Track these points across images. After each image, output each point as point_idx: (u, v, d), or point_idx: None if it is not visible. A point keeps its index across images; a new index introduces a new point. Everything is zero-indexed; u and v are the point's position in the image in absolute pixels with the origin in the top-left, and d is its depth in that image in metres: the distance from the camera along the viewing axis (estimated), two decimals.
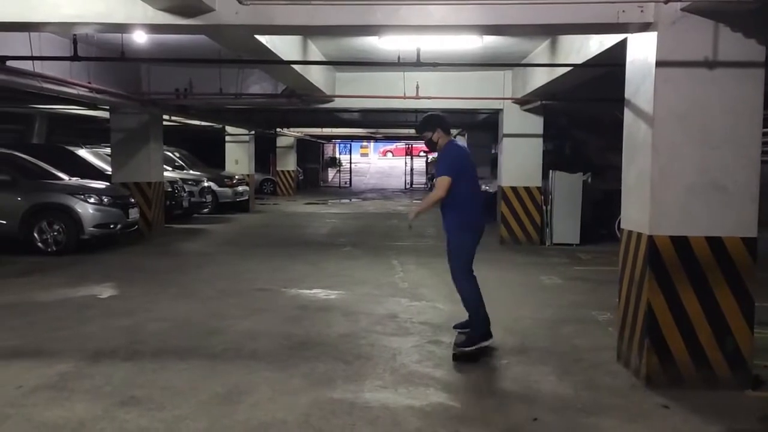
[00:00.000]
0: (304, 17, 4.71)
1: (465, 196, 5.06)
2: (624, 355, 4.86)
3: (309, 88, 10.27)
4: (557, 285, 8.10)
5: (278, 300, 7.08)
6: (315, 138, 28.92)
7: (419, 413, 4.00)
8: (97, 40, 8.61)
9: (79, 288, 7.48)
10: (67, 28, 5.81)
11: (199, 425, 3.77)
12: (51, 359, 4.86)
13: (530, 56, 9.63)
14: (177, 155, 17.17)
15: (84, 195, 9.98)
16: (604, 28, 4.95)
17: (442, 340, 5.58)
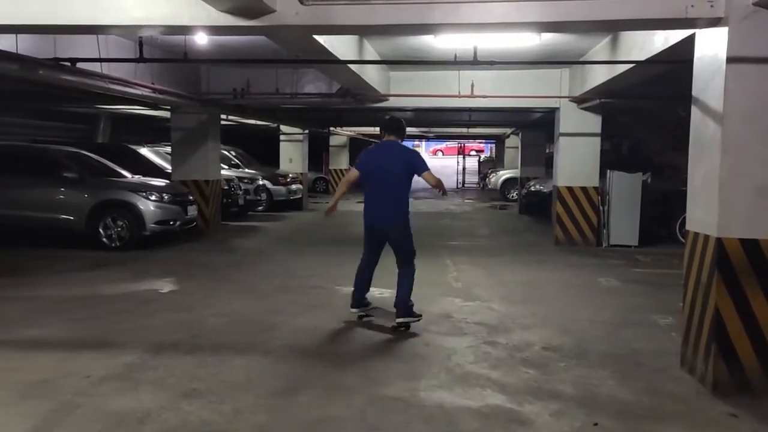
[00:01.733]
0: (363, 17, 4.74)
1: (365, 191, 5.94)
2: (688, 361, 4.71)
3: (364, 88, 10.32)
4: (615, 287, 7.91)
5: (332, 297, 7.15)
6: (367, 137, 29.05)
7: (476, 414, 3.97)
8: (160, 42, 8.87)
9: (142, 282, 7.72)
10: (133, 31, 6.02)
11: (258, 419, 3.84)
12: (117, 350, 5.04)
13: (589, 53, 9.42)
14: (233, 154, 17.52)
15: (146, 192, 10.29)
16: (671, 24, 4.80)
17: (498, 341, 5.53)
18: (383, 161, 5.85)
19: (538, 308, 6.68)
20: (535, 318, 6.30)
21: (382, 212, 5.86)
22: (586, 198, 11.39)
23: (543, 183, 15.44)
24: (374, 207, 5.89)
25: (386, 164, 5.82)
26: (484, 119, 18.44)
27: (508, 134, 25.48)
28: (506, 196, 22.56)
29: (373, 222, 5.92)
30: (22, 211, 10.08)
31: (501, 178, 23.78)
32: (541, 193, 15.07)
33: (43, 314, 6.16)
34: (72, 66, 7.19)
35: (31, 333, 5.56)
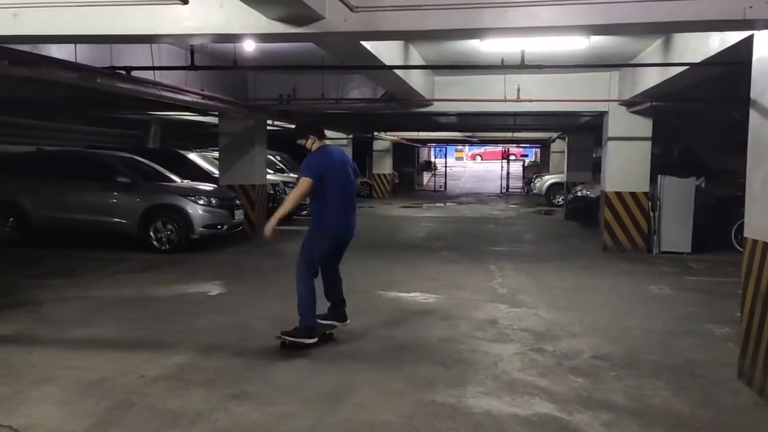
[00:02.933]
0: (411, 22, 4.75)
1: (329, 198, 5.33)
2: (746, 373, 4.55)
3: (408, 92, 10.32)
4: (667, 295, 7.71)
5: (377, 302, 7.16)
6: (411, 142, 29.08)
7: (525, 422, 3.92)
8: (210, 50, 9.07)
9: (191, 285, 7.88)
10: (186, 40, 6.17)
11: (305, 422, 3.87)
12: (169, 351, 5.16)
13: (640, 56, 9.22)
14: (278, 159, 17.74)
15: (194, 197, 10.51)
16: (728, 25, 4.67)
17: (545, 348, 5.45)
18: (343, 166, 5.50)
19: (587, 315, 6.56)
20: (583, 325, 6.19)
21: (353, 221, 5.54)
22: (636, 203, 11.14)
23: (590, 188, 15.16)
24: (347, 215, 5.45)
25: (345, 169, 5.51)
26: (529, 123, 18.24)
27: (554, 138, 25.12)
28: (551, 201, 22.24)
29: (346, 232, 5.51)
30: (77, 215, 10.43)
31: (546, 182, 23.46)
32: (587, 198, 14.80)
33: (97, 314, 6.35)
34: (127, 74, 7.41)
35: (87, 332, 5.74)
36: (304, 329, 5.26)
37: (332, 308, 5.66)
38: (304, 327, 5.27)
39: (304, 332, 5.25)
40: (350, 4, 4.62)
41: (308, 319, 5.30)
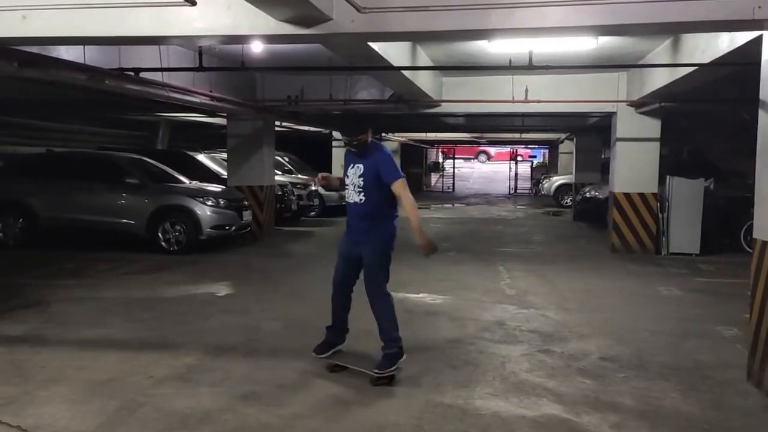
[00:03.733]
0: (419, 23, 4.75)
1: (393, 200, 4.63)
2: (756, 375, 4.53)
3: (416, 93, 10.32)
4: (676, 297, 7.67)
5: None
6: (419, 143, 29.04)
7: (533, 424, 3.91)
8: (218, 51, 9.10)
9: (199, 286, 7.91)
10: (194, 41, 6.19)
11: (314, 423, 3.88)
12: (177, 351, 5.18)
13: (649, 56, 9.18)
14: (286, 159, 17.77)
15: (203, 198, 10.54)
16: (737, 26, 4.64)
17: (553, 349, 5.44)
18: None
19: (595, 317, 6.54)
20: (591, 327, 6.17)
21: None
22: (645, 205, 11.09)
23: (598, 189, 15.10)
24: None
25: None
26: (537, 124, 18.17)
27: (562, 139, 25.03)
28: (560, 202, 22.17)
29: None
30: (86, 216, 10.47)
31: (554, 184, 23.38)
32: (596, 200, 14.74)
33: (106, 315, 6.39)
34: (136, 75, 7.45)
35: (96, 333, 5.77)
36: (397, 351, 4.60)
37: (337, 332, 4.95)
38: (397, 348, 4.61)
39: (398, 354, 4.61)
40: (357, 5, 4.63)
41: (399, 338, 4.67)
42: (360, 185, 4.55)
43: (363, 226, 4.61)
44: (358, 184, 4.56)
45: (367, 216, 4.58)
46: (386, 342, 4.63)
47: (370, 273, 4.67)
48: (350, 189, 4.61)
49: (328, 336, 4.88)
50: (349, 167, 4.67)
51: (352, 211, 4.67)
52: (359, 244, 4.64)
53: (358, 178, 4.56)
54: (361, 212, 4.58)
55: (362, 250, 4.63)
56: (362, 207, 4.57)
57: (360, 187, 4.56)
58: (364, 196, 4.55)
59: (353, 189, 4.59)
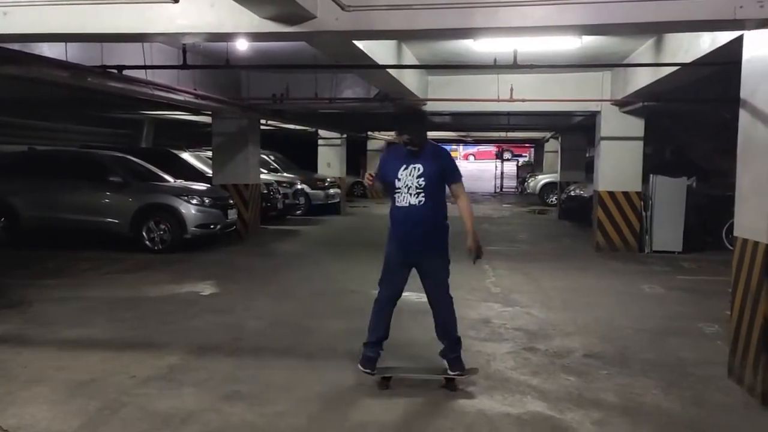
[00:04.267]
0: (403, 22, 4.74)
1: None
2: (736, 371, 4.58)
3: (402, 92, 10.32)
4: (659, 294, 7.74)
5: (371, 301, 7.07)
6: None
7: (517, 421, 3.93)
8: (202, 49, 9.04)
9: (184, 285, 7.86)
10: (178, 38, 6.14)
11: (299, 422, 3.87)
12: (160, 351, 5.14)
13: (632, 56, 9.25)
14: (272, 158, 17.72)
15: (187, 196, 10.48)
16: (718, 25, 4.69)
17: (538, 347, 5.46)
18: None
19: (579, 315, 6.58)
20: (575, 325, 6.20)
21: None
22: (628, 203, 11.18)
23: (583, 187, 15.21)
24: None
25: None
26: (523, 123, 18.26)
27: (548, 138, 25.17)
28: (545, 200, 22.29)
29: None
30: (69, 215, 10.38)
31: (540, 182, 23.52)
32: (581, 198, 14.84)
33: (89, 315, 6.33)
34: (119, 73, 7.38)
35: (78, 333, 5.72)
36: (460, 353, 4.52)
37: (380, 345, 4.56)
38: (460, 350, 4.53)
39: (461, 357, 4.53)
40: (342, 3, 4.62)
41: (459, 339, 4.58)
42: (420, 186, 4.25)
43: (423, 230, 4.31)
44: (417, 185, 4.26)
45: (427, 219, 4.30)
46: (455, 344, 4.49)
47: (438, 280, 4.45)
48: (403, 191, 4.28)
49: (371, 351, 4.48)
50: (400, 168, 4.30)
51: (407, 215, 4.30)
52: (419, 251, 4.35)
53: (417, 179, 4.26)
54: (422, 215, 4.28)
55: (425, 256, 4.37)
56: (421, 209, 4.27)
57: (420, 188, 4.25)
58: (424, 198, 4.26)
59: (408, 191, 4.27)
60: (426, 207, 4.28)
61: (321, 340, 5.61)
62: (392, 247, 4.46)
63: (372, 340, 4.49)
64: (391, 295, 4.51)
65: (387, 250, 4.50)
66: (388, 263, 4.49)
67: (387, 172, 4.40)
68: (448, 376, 4.42)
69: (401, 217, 4.34)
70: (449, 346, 4.48)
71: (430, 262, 4.39)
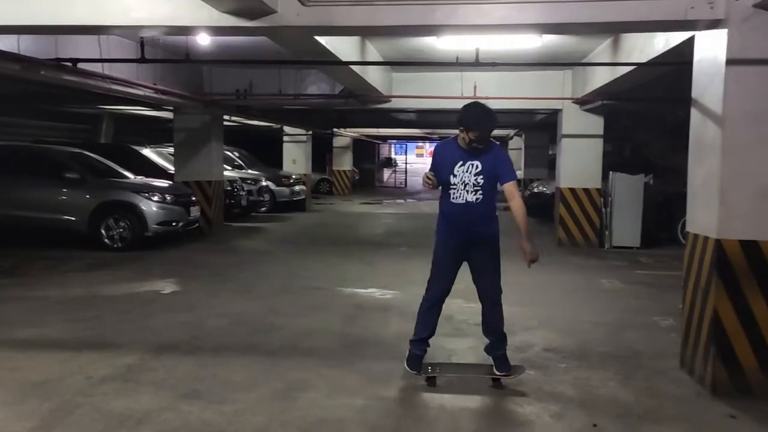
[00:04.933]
0: (365, 18, 4.74)
1: None
2: (688, 363, 4.71)
3: (366, 89, 10.33)
4: (618, 289, 7.90)
5: (334, 299, 7.15)
6: (371, 138, 29.08)
7: (477, 415, 3.98)
8: (162, 42, 8.89)
9: (143, 283, 7.73)
10: (135, 31, 6.04)
11: (258, 420, 3.84)
12: (118, 351, 5.05)
13: (591, 55, 9.42)
14: (236, 155, 17.55)
15: (148, 193, 10.31)
16: (671, 26, 4.80)
17: None
18: None
19: (540, 309, 6.67)
20: (536, 319, 6.29)
21: None
22: (589, 199, 11.39)
23: (546, 184, 15.43)
24: None
25: None
26: None
27: (512, 136, 25.45)
28: None
29: None
30: (24, 212, 10.09)
31: None
32: (543, 195, 15.05)
33: (45, 314, 6.17)
34: (73, 66, 7.21)
35: (33, 333, 5.58)
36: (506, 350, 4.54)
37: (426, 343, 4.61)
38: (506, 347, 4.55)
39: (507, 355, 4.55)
40: None
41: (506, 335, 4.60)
42: (477, 184, 4.24)
43: (478, 227, 4.32)
44: (475, 183, 4.24)
45: (483, 216, 4.32)
46: (501, 340, 4.52)
47: (491, 278, 4.45)
48: (459, 188, 4.25)
49: (418, 349, 4.52)
50: (456, 165, 4.26)
51: (463, 212, 4.29)
52: (474, 246, 4.35)
53: (475, 177, 4.23)
54: (478, 213, 4.29)
55: (478, 253, 4.37)
56: (478, 207, 4.27)
57: (478, 185, 4.24)
58: (481, 195, 4.26)
59: (465, 188, 4.25)
60: (482, 204, 4.29)
61: (283, 337, 5.58)
62: (445, 245, 4.43)
63: (420, 338, 4.52)
64: (443, 293, 4.51)
65: (438, 248, 4.46)
66: (439, 261, 4.46)
67: (441, 168, 4.33)
68: (495, 376, 4.45)
69: (457, 214, 4.33)
70: (495, 343, 4.51)
71: (483, 256, 4.40)
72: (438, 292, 4.50)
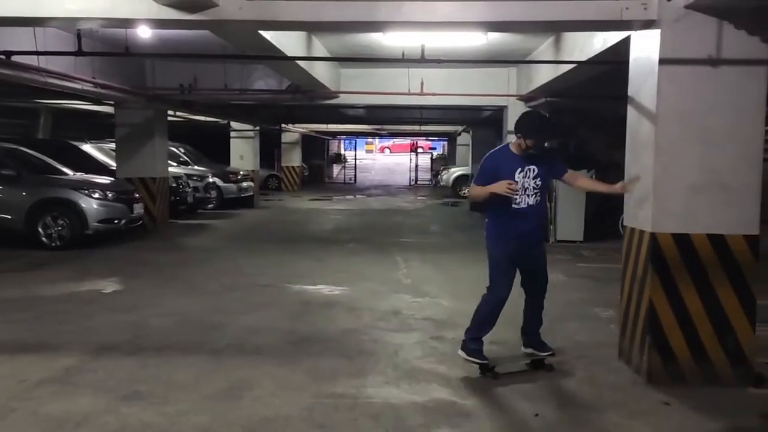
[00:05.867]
0: (309, 13, 4.72)
1: None
2: (626, 353, 4.87)
3: (313, 84, 10.29)
4: (561, 282, 8.08)
5: (282, 296, 7.10)
6: (320, 134, 28.94)
7: (421, 409, 4.01)
8: (101, 35, 8.62)
9: (84, 283, 7.51)
10: (71, 23, 5.84)
11: (201, 420, 3.79)
12: (55, 353, 4.90)
13: (534, 53, 9.61)
14: (182, 151, 17.20)
15: (88, 190, 10.02)
16: (607, 26, 4.95)
17: (445, 336, 5.60)
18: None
19: None
20: None
21: None
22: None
23: None
24: None
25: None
26: (435, 117, 18.61)
27: (460, 132, 25.76)
28: (458, 192, 22.79)
29: None
30: None
31: (453, 175, 24.00)
32: None
33: None
34: (7, 59, 6.93)
35: None
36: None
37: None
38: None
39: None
40: None
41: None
42: (537, 186, 4.48)
43: (535, 228, 4.59)
44: (534, 186, 4.48)
45: (540, 218, 4.64)
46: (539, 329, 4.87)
47: (543, 273, 4.76)
48: (520, 193, 4.45)
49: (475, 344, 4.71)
50: (516, 171, 4.44)
51: (523, 215, 4.48)
52: (530, 248, 4.59)
53: (534, 180, 4.47)
54: (537, 215, 4.57)
55: (533, 253, 4.63)
56: (536, 209, 4.53)
57: (537, 188, 4.48)
58: (539, 197, 4.52)
59: (525, 192, 4.46)
60: (540, 206, 4.56)
61: (229, 335, 5.51)
62: (507, 248, 4.55)
63: (481, 336, 4.72)
64: (508, 294, 4.64)
65: (499, 253, 4.59)
66: (501, 265, 4.60)
67: (502, 177, 4.43)
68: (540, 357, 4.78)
69: (521, 217, 4.50)
70: (536, 334, 4.84)
71: (539, 252, 4.69)
72: (505, 294, 4.65)
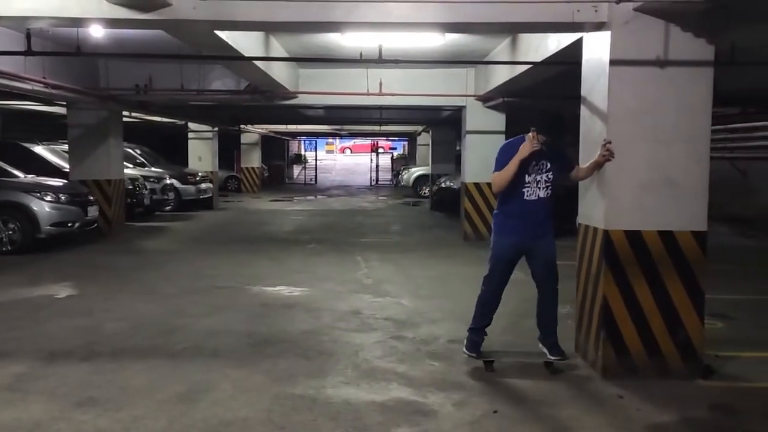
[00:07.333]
0: (264, 13, 4.70)
1: None
2: (582, 347, 4.98)
3: (272, 85, 10.20)
4: (519, 280, 8.02)
5: (241, 297, 7.04)
6: (280, 135, 28.73)
7: (381, 408, 4.03)
8: (52, 34, 8.38)
9: (36, 288, 7.31)
10: (20, 22, 5.67)
11: (157, 425, 3.73)
12: (4, 360, 4.76)
13: (491, 54, 9.72)
14: (138, 152, 16.88)
15: (40, 193, 9.76)
16: (560, 27, 5.04)
17: (406, 335, 5.63)
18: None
19: (446, 302, 6.84)
20: (442, 312, 6.45)
21: None
22: (493, 194, 11.73)
23: (453, 179, 15.79)
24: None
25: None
26: (395, 117, 18.66)
27: (420, 132, 25.88)
28: (418, 192, 22.91)
29: None
30: None
31: (413, 175, 24.13)
32: (451, 190, 15.40)
33: None
34: None
35: None
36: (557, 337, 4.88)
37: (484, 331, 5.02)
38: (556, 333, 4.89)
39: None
40: None
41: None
42: (548, 179, 4.67)
43: (542, 220, 4.73)
44: (546, 179, 4.67)
45: (548, 210, 4.75)
46: (556, 327, 4.88)
47: (552, 267, 4.84)
48: (532, 186, 4.65)
49: (477, 336, 4.93)
50: (529, 164, 4.62)
51: (536, 207, 4.68)
52: (535, 241, 4.72)
53: (545, 174, 4.66)
54: (545, 207, 4.71)
55: (541, 245, 4.74)
56: (546, 202, 4.70)
57: (548, 181, 4.67)
58: (550, 191, 4.69)
59: (537, 185, 4.67)
60: (550, 199, 4.73)
61: (186, 338, 5.44)
62: (509, 240, 4.76)
63: (480, 326, 4.91)
64: (503, 286, 4.89)
65: (501, 245, 4.79)
66: (501, 257, 4.80)
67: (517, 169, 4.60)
68: (550, 360, 4.77)
69: (530, 209, 4.69)
70: (551, 330, 4.85)
71: (544, 243, 4.76)
72: (499, 287, 4.88)
